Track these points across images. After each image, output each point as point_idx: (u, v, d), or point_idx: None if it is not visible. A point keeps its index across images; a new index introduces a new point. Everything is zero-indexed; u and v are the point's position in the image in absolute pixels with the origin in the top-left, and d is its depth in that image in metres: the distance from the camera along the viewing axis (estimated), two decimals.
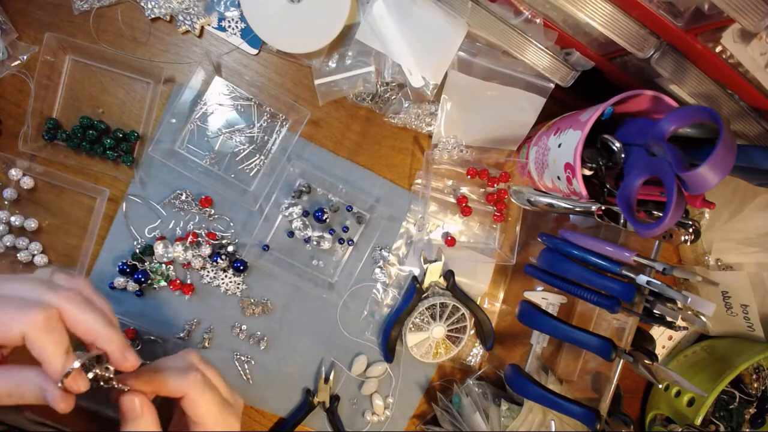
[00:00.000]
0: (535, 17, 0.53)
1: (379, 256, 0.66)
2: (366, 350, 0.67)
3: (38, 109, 0.55)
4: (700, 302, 0.48)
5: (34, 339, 0.29)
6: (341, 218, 0.64)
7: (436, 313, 0.66)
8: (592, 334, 0.53)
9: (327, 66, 0.60)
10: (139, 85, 0.58)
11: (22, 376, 0.30)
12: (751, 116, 0.50)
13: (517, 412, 0.62)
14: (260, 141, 0.61)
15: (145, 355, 0.60)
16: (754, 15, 0.37)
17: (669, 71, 0.49)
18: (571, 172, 0.50)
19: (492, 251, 0.67)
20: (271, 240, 0.62)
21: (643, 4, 0.44)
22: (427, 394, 0.70)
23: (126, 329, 0.59)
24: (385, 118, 0.63)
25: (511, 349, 0.73)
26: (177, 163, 0.57)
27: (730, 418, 0.70)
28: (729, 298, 0.69)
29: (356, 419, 0.68)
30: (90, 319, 0.32)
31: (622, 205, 0.46)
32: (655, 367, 0.52)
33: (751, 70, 0.44)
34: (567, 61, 0.56)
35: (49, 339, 0.30)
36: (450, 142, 0.63)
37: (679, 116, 0.43)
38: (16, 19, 0.55)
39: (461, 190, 0.67)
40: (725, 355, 0.69)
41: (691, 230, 0.55)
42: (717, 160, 0.38)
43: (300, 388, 0.66)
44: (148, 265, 0.59)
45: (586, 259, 0.54)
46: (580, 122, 0.50)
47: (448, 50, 0.59)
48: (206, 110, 0.59)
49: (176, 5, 0.56)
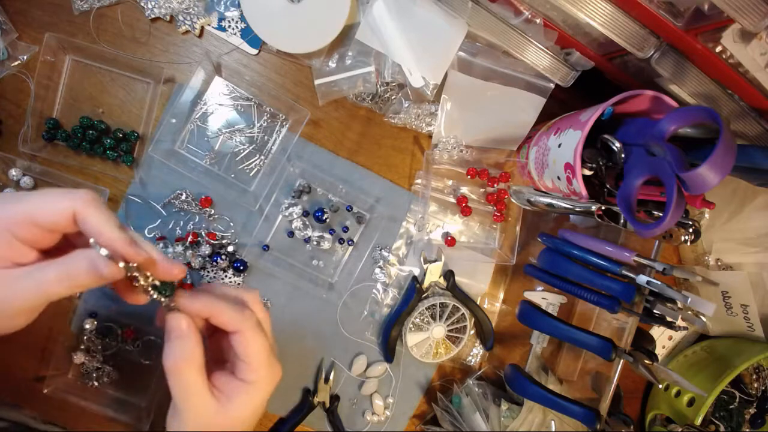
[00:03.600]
0: (535, 17, 0.53)
1: (379, 256, 0.66)
2: (366, 350, 0.67)
3: (38, 109, 0.55)
4: (700, 302, 0.48)
5: (85, 213, 0.30)
6: (341, 218, 0.64)
7: (436, 313, 0.66)
8: (592, 334, 0.53)
9: (327, 66, 0.60)
10: (139, 85, 0.58)
11: (69, 259, 0.30)
12: (751, 116, 0.50)
13: (517, 412, 0.62)
14: (260, 141, 0.61)
15: (146, 355, 0.60)
16: (754, 15, 0.37)
17: (669, 71, 0.49)
18: (571, 172, 0.50)
19: (492, 251, 0.67)
20: (271, 240, 0.62)
21: (643, 4, 0.44)
22: (427, 394, 0.70)
23: (126, 329, 0.59)
24: (385, 118, 0.63)
25: (511, 349, 0.73)
26: (177, 163, 0.57)
27: (730, 418, 0.70)
28: (729, 298, 0.69)
29: (356, 419, 0.68)
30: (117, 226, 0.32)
31: (622, 205, 0.46)
32: (655, 367, 0.52)
33: (751, 70, 0.44)
34: (567, 61, 0.56)
35: (100, 211, 0.30)
36: (450, 142, 0.63)
37: (679, 116, 0.43)
38: (16, 19, 0.55)
39: (461, 190, 0.67)
40: (725, 355, 0.69)
41: (691, 230, 0.55)
42: (717, 160, 0.38)
43: (300, 388, 0.66)
44: None
45: (586, 259, 0.54)
46: (580, 122, 0.50)
47: (448, 50, 0.59)
48: (206, 110, 0.59)
49: (176, 5, 0.56)
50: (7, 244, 0.30)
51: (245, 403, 0.36)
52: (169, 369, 0.33)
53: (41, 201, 0.31)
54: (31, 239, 0.31)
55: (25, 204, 0.30)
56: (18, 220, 0.30)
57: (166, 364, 0.33)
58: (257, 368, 0.36)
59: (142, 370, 0.61)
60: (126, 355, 0.60)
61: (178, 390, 0.34)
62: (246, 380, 0.36)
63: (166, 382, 0.45)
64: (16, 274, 0.30)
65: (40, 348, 0.58)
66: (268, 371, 0.37)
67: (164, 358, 0.33)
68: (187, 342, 0.34)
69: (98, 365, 0.59)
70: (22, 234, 0.31)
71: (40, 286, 0.30)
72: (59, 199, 0.30)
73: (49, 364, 0.57)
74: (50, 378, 0.56)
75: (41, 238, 0.31)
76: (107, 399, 0.59)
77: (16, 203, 0.31)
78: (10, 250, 0.31)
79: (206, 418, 0.34)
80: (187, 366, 0.33)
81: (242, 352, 0.36)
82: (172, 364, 0.33)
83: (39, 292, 0.30)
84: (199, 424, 0.34)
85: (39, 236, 0.31)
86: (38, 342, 0.58)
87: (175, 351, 0.33)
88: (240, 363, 0.36)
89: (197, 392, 0.34)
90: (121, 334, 0.59)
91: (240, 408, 0.36)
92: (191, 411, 0.34)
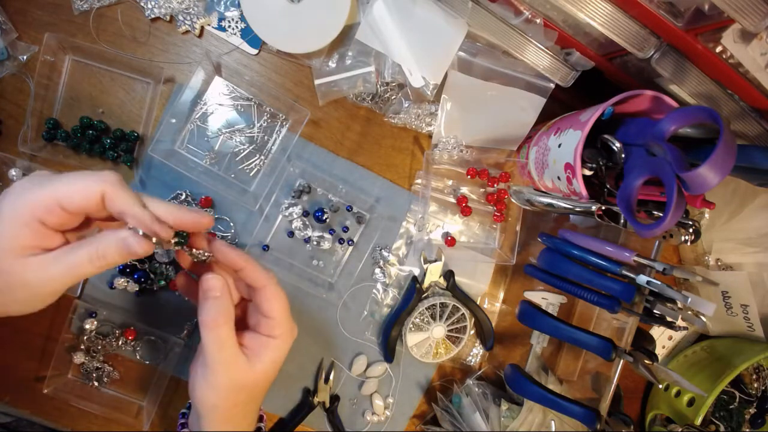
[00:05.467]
0: (535, 17, 0.53)
1: (379, 256, 0.66)
2: (366, 350, 0.67)
3: (38, 109, 0.55)
4: (700, 302, 0.48)
5: (113, 194, 0.32)
6: (341, 218, 0.64)
7: (436, 313, 0.66)
8: (592, 334, 0.53)
9: (327, 66, 0.60)
10: (139, 85, 0.58)
11: (100, 239, 0.32)
12: (751, 116, 0.50)
13: (517, 412, 0.62)
14: (260, 141, 0.61)
15: (146, 355, 0.60)
16: (754, 15, 0.37)
17: (669, 71, 0.49)
18: (571, 172, 0.50)
19: (492, 251, 0.67)
20: (271, 240, 0.62)
21: (643, 4, 0.44)
22: (427, 394, 0.70)
23: (126, 329, 0.59)
24: (385, 118, 0.63)
25: (511, 349, 0.73)
26: (177, 163, 0.57)
27: (730, 418, 0.70)
28: (729, 298, 0.69)
29: (356, 419, 0.68)
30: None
31: (622, 205, 0.46)
32: (655, 367, 0.52)
33: (751, 70, 0.44)
34: (567, 61, 0.56)
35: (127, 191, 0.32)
36: (450, 142, 0.63)
37: (679, 116, 0.43)
38: (16, 19, 0.55)
39: (461, 190, 0.67)
40: (725, 355, 0.69)
41: (691, 230, 0.55)
42: (717, 160, 0.38)
43: (300, 388, 0.66)
44: (148, 265, 0.59)
45: (586, 259, 0.54)
46: (580, 122, 0.50)
47: (448, 50, 0.59)
48: (206, 110, 0.59)
49: (176, 5, 0.56)
50: (36, 232, 0.31)
51: (271, 358, 0.38)
52: (207, 324, 0.36)
53: (69, 185, 0.31)
54: (58, 223, 0.32)
55: (52, 189, 0.31)
56: (47, 205, 0.31)
57: (204, 320, 0.36)
58: (281, 323, 0.39)
59: (142, 370, 0.61)
60: (126, 355, 0.60)
61: (213, 345, 0.36)
62: (272, 335, 0.39)
63: (166, 381, 0.45)
64: (46, 259, 0.32)
65: (40, 348, 0.58)
66: (289, 327, 0.40)
67: (202, 315, 0.36)
68: (223, 300, 0.36)
69: (98, 365, 0.59)
70: (51, 220, 0.32)
71: (72, 268, 0.32)
72: (87, 183, 0.31)
73: (49, 364, 0.57)
74: (50, 378, 0.56)
75: (67, 221, 0.33)
76: (107, 399, 0.59)
77: (42, 189, 0.31)
78: (39, 237, 0.32)
79: (237, 372, 0.37)
80: (224, 321, 0.36)
81: (268, 308, 0.38)
82: (211, 320, 0.35)
83: (71, 274, 0.32)
84: (230, 377, 0.37)
85: (65, 220, 0.32)
86: (38, 342, 0.58)
87: (212, 308, 0.36)
88: (265, 320, 0.39)
89: (231, 346, 0.36)
90: (121, 334, 0.59)
91: (266, 362, 0.38)
92: (223, 364, 0.36)
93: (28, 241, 0.31)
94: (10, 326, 0.58)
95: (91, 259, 0.31)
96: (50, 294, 0.33)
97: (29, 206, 0.31)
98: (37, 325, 0.58)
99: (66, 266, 0.32)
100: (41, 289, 0.32)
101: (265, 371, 0.38)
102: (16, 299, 0.32)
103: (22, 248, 0.31)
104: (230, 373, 0.37)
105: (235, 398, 0.38)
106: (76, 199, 0.31)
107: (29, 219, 0.31)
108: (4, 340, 0.58)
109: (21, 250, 0.31)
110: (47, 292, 0.32)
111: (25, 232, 0.31)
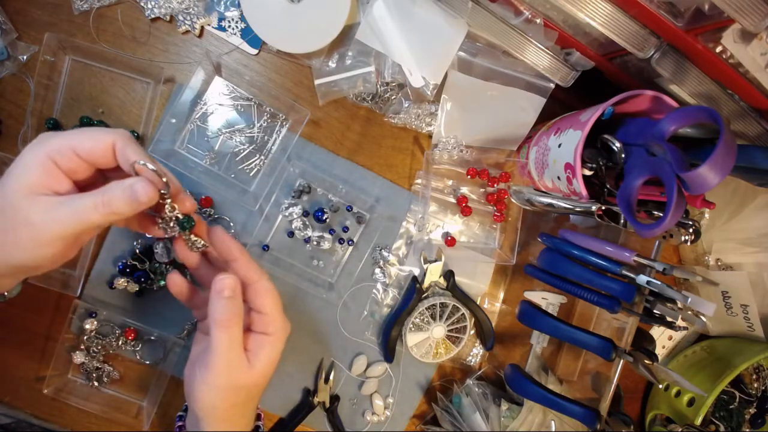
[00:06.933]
0: (535, 17, 0.53)
1: (379, 256, 0.66)
2: (366, 350, 0.67)
3: (38, 109, 0.55)
4: (700, 302, 0.48)
5: (124, 146, 0.34)
6: (341, 218, 0.64)
7: (436, 313, 0.66)
8: (592, 334, 0.53)
9: (327, 66, 0.60)
10: (139, 85, 0.58)
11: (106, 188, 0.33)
12: (751, 116, 0.50)
13: (517, 412, 0.62)
14: (260, 141, 0.61)
15: (146, 355, 0.60)
16: (755, 15, 0.37)
17: (669, 71, 0.49)
18: (571, 172, 0.50)
19: (492, 251, 0.67)
20: (271, 240, 0.62)
21: (643, 4, 0.44)
22: (427, 394, 0.70)
23: (126, 329, 0.59)
24: (385, 118, 0.63)
25: (511, 349, 0.73)
26: (177, 163, 0.57)
27: (730, 418, 0.70)
28: (729, 298, 0.69)
29: (356, 419, 0.68)
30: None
31: (622, 205, 0.46)
32: (655, 367, 0.52)
33: (751, 70, 0.44)
34: (567, 61, 0.56)
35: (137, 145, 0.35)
36: (450, 142, 0.63)
37: (680, 116, 0.43)
38: (16, 19, 0.55)
39: (461, 190, 0.67)
40: (725, 355, 0.69)
41: (691, 230, 0.55)
42: (717, 160, 0.38)
43: (300, 388, 0.66)
44: (148, 265, 0.59)
45: (586, 259, 0.54)
46: (580, 122, 0.50)
47: (448, 50, 0.59)
48: (206, 110, 0.59)
49: (176, 5, 0.56)
50: (48, 172, 0.33)
51: (268, 356, 0.39)
52: (221, 323, 0.36)
53: (84, 135, 0.34)
54: (71, 168, 0.34)
55: (68, 137, 0.34)
56: (61, 149, 0.33)
57: (219, 318, 0.36)
58: (275, 318, 0.39)
59: (142, 370, 0.61)
60: (126, 355, 0.60)
61: (222, 344, 0.36)
62: (266, 332, 0.39)
63: (166, 381, 0.45)
64: (53, 201, 0.33)
65: (40, 348, 0.58)
66: (283, 323, 0.40)
67: (216, 314, 0.36)
68: (236, 300, 0.36)
69: (98, 365, 0.59)
70: (64, 163, 0.33)
71: (77, 213, 0.32)
72: (101, 133, 0.34)
73: (49, 364, 0.57)
74: (50, 378, 0.56)
75: (79, 168, 0.34)
76: (107, 399, 0.59)
77: (60, 137, 0.34)
78: (50, 177, 0.33)
79: (237, 372, 0.37)
80: (237, 322, 0.36)
81: (261, 303, 0.39)
82: (227, 319, 0.36)
83: (76, 219, 0.32)
84: (231, 378, 0.37)
85: (77, 166, 0.34)
86: (38, 342, 0.58)
87: (227, 308, 0.36)
88: (258, 317, 0.39)
89: (237, 348, 0.37)
90: (121, 334, 0.59)
91: (264, 361, 0.38)
92: (227, 365, 0.36)
93: (40, 179, 0.33)
94: (10, 326, 0.58)
95: (96, 205, 0.32)
96: (52, 239, 0.33)
97: (45, 148, 0.33)
98: (37, 325, 0.58)
99: (71, 210, 0.32)
100: (44, 233, 0.32)
101: (263, 370, 0.39)
102: (18, 241, 0.33)
103: (32, 186, 0.33)
104: (231, 374, 0.37)
105: (235, 398, 0.38)
106: (90, 145, 0.34)
107: (44, 158, 0.33)
108: (4, 340, 0.58)
109: (31, 187, 0.32)
110: (50, 236, 0.33)
111: (37, 171, 0.33)
